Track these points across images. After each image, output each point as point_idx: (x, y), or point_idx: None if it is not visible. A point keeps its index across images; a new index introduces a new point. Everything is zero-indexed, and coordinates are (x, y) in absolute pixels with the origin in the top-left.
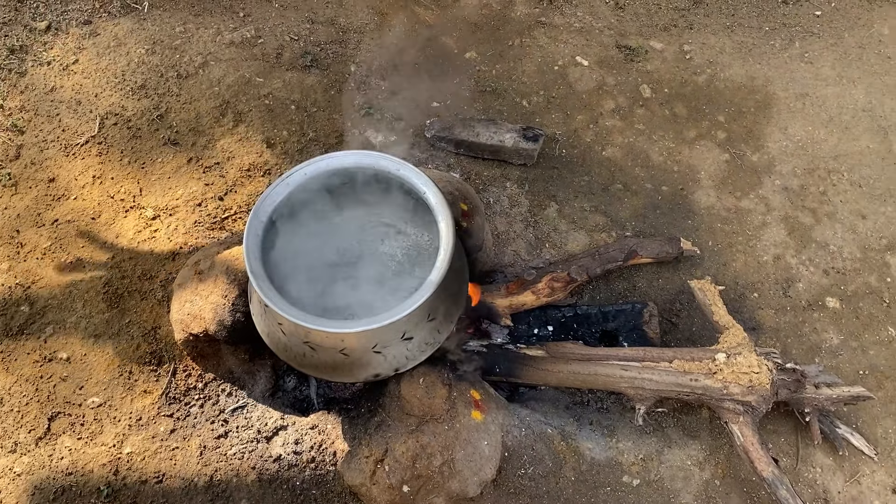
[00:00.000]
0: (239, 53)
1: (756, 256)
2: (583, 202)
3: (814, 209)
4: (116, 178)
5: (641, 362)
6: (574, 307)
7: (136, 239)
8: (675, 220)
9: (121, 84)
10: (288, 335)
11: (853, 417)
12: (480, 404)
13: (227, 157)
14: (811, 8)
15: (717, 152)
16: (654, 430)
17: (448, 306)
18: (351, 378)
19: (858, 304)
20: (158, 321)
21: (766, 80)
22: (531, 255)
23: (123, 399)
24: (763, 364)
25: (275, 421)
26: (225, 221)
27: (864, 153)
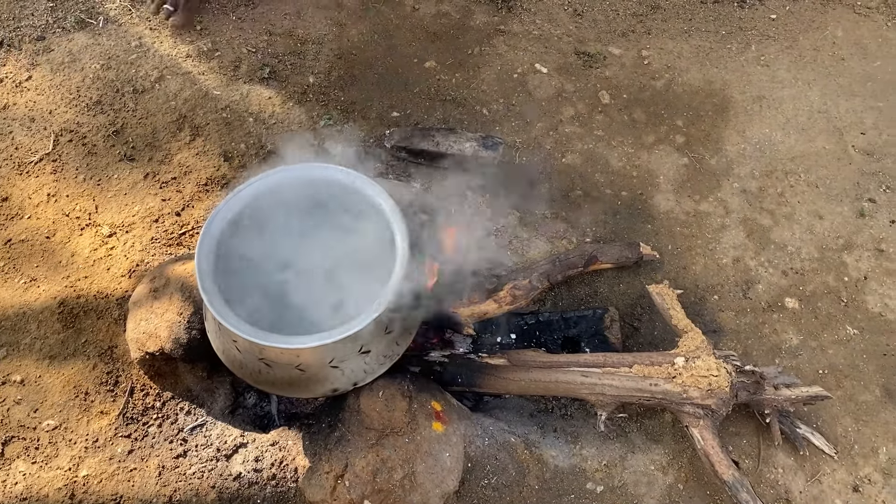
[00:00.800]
0: (196, 67)
1: (715, 259)
2: (543, 209)
3: (772, 211)
4: (72, 195)
5: (602, 368)
6: (536, 314)
7: (92, 257)
8: (635, 224)
9: (76, 100)
10: (243, 352)
11: (813, 417)
12: (442, 415)
13: (185, 171)
14: (766, 12)
15: (675, 156)
16: (617, 435)
17: (406, 318)
18: (308, 394)
19: (817, 304)
20: (115, 340)
21: (723, 84)
22: (493, 263)
23: (80, 421)
24: (722, 367)
25: (235, 438)
26: (182, 237)
27: (820, 154)
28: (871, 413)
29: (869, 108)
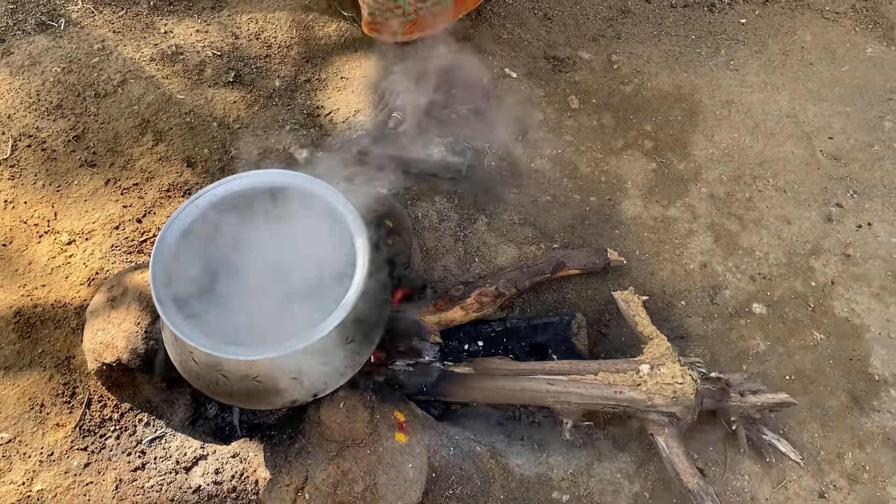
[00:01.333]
0: (159, 70)
1: (683, 265)
2: (512, 215)
3: (740, 216)
4: (30, 202)
5: (568, 376)
6: (504, 321)
7: (50, 265)
8: (603, 230)
9: (35, 104)
10: (199, 364)
11: (780, 423)
12: (405, 426)
13: (147, 177)
14: (736, 16)
15: (644, 161)
16: (584, 443)
17: (368, 327)
18: (267, 405)
19: (784, 310)
20: (72, 350)
21: (692, 89)
22: (460, 269)
23: (34, 434)
24: (687, 374)
25: (194, 450)
26: (143, 244)
27: (788, 159)
28: (838, 419)
29: (837, 113)
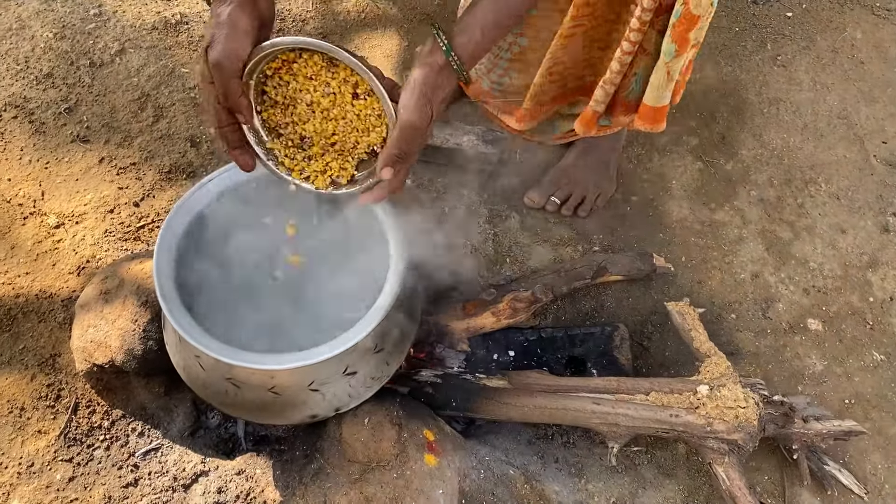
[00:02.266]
0: (162, 40)
1: (733, 274)
2: (546, 213)
3: (792, 222)
4: (14, 179)
5: (615, 395)
6: (538, 330)
7: (36, 251)
8: (646, 233)
9: (23, 72)
10: (207, 370)
11: (840, 452)
12: (435, 446)
13: (146, 156)
14: (782, 9)
15: (689, 160)
16: (626, 468)
17: (399, 335)
18: (282, 420)
19: (841, 326)
20: (58, 347)
21: (738, 84)
22: (491, 271)
23: (13, 441)
24: (750, 397)
25: (194, 465)
26: (141, 231)
27: (840, 163)
28: None
29: (890, 116)
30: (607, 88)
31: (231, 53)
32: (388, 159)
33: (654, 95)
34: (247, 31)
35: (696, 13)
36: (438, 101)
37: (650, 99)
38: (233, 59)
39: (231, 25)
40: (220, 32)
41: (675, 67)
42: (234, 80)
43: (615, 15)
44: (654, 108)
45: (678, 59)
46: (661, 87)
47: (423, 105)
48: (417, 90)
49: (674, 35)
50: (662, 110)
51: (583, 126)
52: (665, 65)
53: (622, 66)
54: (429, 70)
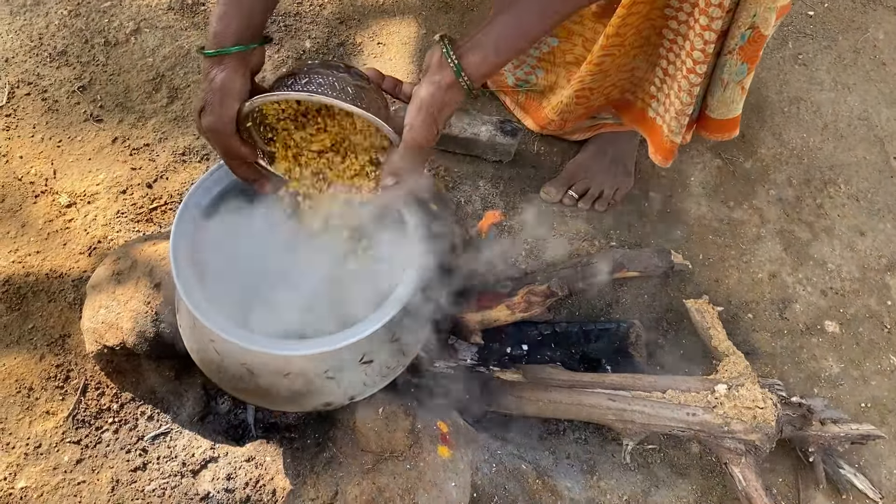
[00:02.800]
0: (178, 21)
1: (751, 273)
2: (563, 207)
3: (810, 223)
4: (26, 157)
5: (631, 391)
6: (552, 324)
7: (47, 229)
8: (664, 230)
9: (37, 49)
10: (221, 355)
11: (856, 456)
12: (448, 438)
13: (159, 138)
14: (804, 7)
15: (708, 157)
16: (639, 466)
17: (416, 324)
18: (296, 407)
19: (858, 329)
20: (68, 328)
21: (758, 82)
22: (506, 263)
23: (20, 421)
24: (768, 398)
25: (203, 451)
26: (153, 212)
27: (860, 164)
28: None
29: None
30: (682, 120)
31: (224, 119)
32: (393, 174)
33: (728, 109)
34: (240, 92)
35: (766, 34)
36: (444, 117)
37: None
38: (226, 123)
39: (223, 92)
40: (213, 98)
41: (748, 82)
42: (231, 138)
43: (643, 39)
44: (730, 120)
45: (750, 76)
46: (737, 102)
47: (429, 125)
48: (424, 110)
49: (744, 56)
50: (736, 119)
51: (662, 157)
52: (738, 83)
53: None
54: (436, 89)
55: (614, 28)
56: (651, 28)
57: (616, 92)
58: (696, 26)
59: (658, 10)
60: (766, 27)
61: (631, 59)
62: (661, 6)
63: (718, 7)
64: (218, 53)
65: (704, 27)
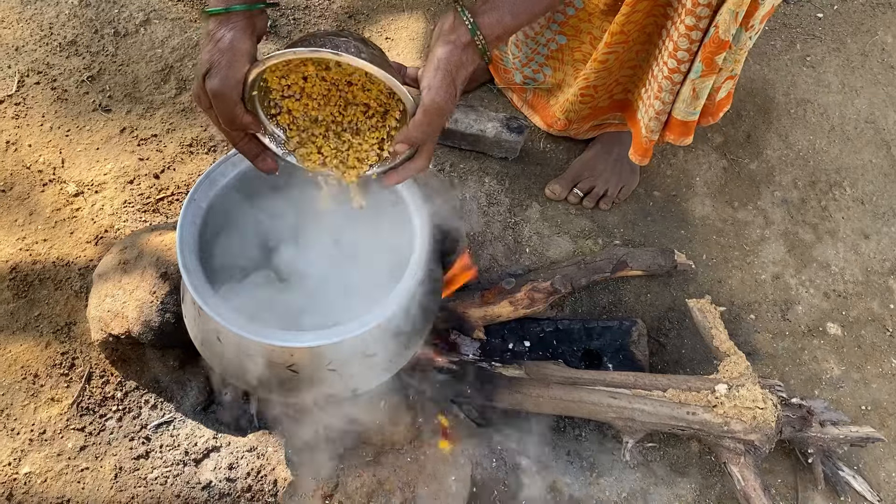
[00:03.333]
0: (187, 12)
1: (754, 274)
2: (567, 204)
3: (815, 225)
4: (35, 145)
5: (632, 389)
6: (554, 321)
7: (54, 218)
8: (667, 229)
9: (47, 38)
10: (225, 345)
11: (855, 458)
12: (449, 432)
13: (167, 129)
14: (813, 10)
15: (713, 157)
16: (638, 464)
17: (419, 318)
18: (299, 398)
19: (860, 332)
20: (74, 316)
21: (765, 83)
22: (509, 260)
23: (25, 407)
24: (768, 399)
25: (206, 440)
26: (160, 203)
27: (866, 167)
28: None
29: None
30: (661, 119)
31: (232, 82)
32: (410, 140)
33: (681, 109)
34: (248, 54)
35: (723, 38)
36: (462, 79)
37: (677, 112)
38: (234, 86)
39: (232, 52)
40: (221, 59)
41: (701, 87)
42: (237, 105)
43: (646, 36)
44: (682, 122)
45: (704, 80)
46: (687, 103)
47: (448, 85)
48: (442, 69)
49: (702, 55)
50: (689, 125)
51: (639, 156)
52: (691, 81)
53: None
54: (452, 48)
55: (619, 26)
56: (654, 25)
57: (619, 91)
58: (682, 26)
59: (661, 8)
60: (724, 32)
61: (634, 55)
62: (663, 3)
63: (707, 6)
64: (226, 11)
65: (690, 27)
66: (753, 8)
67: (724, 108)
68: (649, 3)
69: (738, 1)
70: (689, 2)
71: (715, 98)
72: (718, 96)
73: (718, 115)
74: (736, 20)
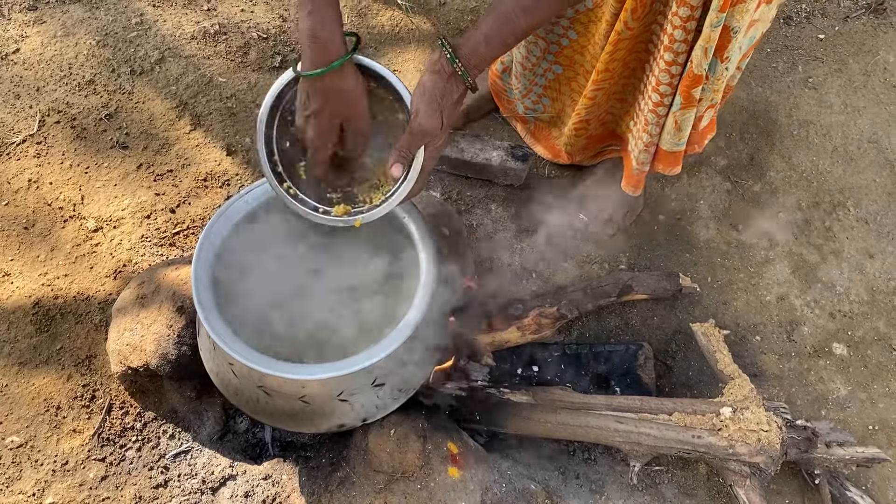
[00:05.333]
0: (200, 50)
1: (759, 296)
2: (573, 230)
3: (819, 246)
4: (56, 182)
5: (638, 414)
6: (562, 346)
7: (74, 253)
8: (672, 252)
9: (66, 78)
10: (240, 377)
11: (863, 479)
12: (458, 459)
13: (182, 164)
14: (814, 31)
15: (717, 180)
16: (647, 486)
17: (426, 348)
18: (311, 428)
19: (866, 352)
20: (94, 349)
21: (768, 105)
22: (517, 286)
23: (48, 439)
24: (773, 421)
25: (222, 469)
26: (176, 237)
27: (870, 187)
28: None
29: None
30: (650, 150)
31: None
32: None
33: (667, 140)
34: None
35: (697, 73)
36: (448, 105)
37: (664, 143)
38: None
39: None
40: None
41: (682, 119)
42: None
43: (630, 71)
44: (670, 153)
45: (684, 113)
46: (671, 134)
47: (433, 110)
48: (427, 96)
49: (681, 88)
50: (677, 155)
51: (632, 187)
52: (673, 114)
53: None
54: (437, 77)
55: (604, 64)
56: (637, 61)
57: (611, 120)
58: (662, 62)
59: (643, 45)
60: (697, 66)
61: (620, 87)
62: (644, 40)
63: (683, 42)
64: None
65: (669, 62)
66: (726, 41)
67: (708, 136)
68: (631, 41)
69: (706, 37)
70: (667, 38)
71: (699, 126)
72: (702, 125)
73: (703, 142)
74: (707, 55)
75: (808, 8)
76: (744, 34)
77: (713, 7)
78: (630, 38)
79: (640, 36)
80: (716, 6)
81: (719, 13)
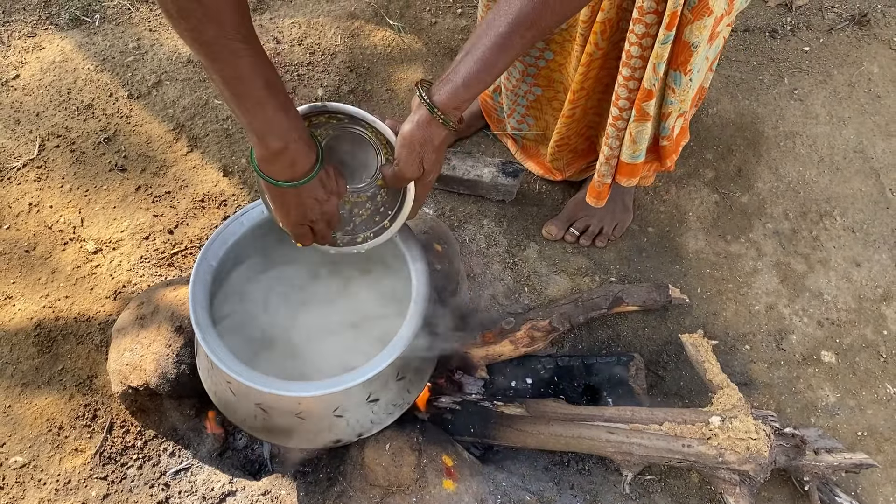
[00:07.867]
0: (196, 73)
1: (747, 305)
2: (564, 243)
3: (806, 255)
4: (56, 206)
5: (629, 424)
6: (555, 358)
7: (75, 275)
8: (662, 264)
9: (65, 103)
10: (237, 395)
11: (852, 484)
12: (453, 472)
13: (180, 185)
14: (799, 43)
15: (705, 192)
16: (639, 496)
17: (420, 363)
18: (308, 444)
19: (855, 359)
20: (95, 369)
21: (754, 117)
22: (509, 299)
23: (51, 458)
24: (761, 429)
25: (222, 485)
26: (174, 257)
27: (856, 196)
28: None
29: None
30: (612, 163)
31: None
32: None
33: (625, 153)
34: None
35: (647, 87)
36: (430, 150)
37: (623, 155)
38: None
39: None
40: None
41: (637, 132)
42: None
43: (604, 87)
44: (628, 164)
45: (637, 126)
46: (627, 146)
47: (413, 159)
48: (406, 146)
49: (635, 103)
50: (635, 167)
51: (594, 198)
52: (629, 127)
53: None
54: (415, 127)
55: (579, 84)
56: (609, 77)
57: (593, 134)
58: (621, 77)
59: (613, 61)
60: (647, 80)
61: (596, 103)
62: (615, 57)
63: (639, 58)
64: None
65: (627, 77)
66: (687, 56)
67: (682, 142)
68: (602, 59)
69: (657, 55)
70: (625, 55)
71: (672, 135)
72: (674, 133)
73: (678, 149)
74: (655, 70)
75: (793, 21)
76: (706, 46)
77: (662, 24)
78: (601, 56)
79: (610, 53)
80: (664, 24)
81: (666, 31)
